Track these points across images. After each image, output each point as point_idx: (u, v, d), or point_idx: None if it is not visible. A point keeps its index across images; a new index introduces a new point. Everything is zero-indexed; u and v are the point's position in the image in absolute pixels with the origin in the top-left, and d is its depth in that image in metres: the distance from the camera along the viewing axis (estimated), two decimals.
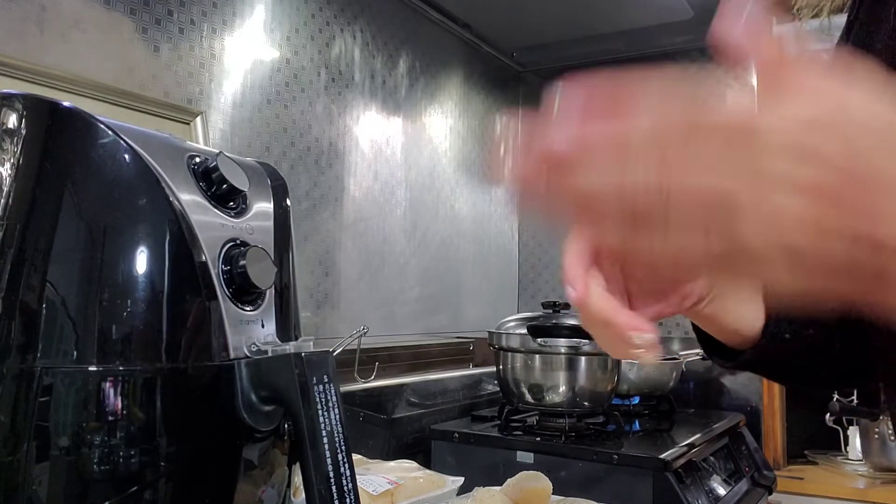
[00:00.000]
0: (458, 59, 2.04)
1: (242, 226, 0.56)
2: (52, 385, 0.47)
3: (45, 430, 0.47)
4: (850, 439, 1.91)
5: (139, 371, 0.49)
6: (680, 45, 2.10)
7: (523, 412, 1.50)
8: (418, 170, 1.85)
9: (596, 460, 1.25)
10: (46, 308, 0.48)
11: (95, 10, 1.12)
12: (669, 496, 1.18)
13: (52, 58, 1.05)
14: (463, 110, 2.05)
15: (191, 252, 0.51)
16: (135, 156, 0.51)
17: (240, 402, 0.52)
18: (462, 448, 1.39)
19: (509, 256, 2.30)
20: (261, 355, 0.54)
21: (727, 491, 1.39)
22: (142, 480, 0.49)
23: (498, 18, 1.94)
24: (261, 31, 1.41)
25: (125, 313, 0.49)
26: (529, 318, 1.49)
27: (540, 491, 0.98)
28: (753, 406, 1.92)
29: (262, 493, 0.56)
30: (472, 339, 1.89)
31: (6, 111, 0.51)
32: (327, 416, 0.51)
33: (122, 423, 0.48)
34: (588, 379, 1.42)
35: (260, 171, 0.62)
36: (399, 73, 1.79)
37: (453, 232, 1.99)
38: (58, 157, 0.50)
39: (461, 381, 1.70)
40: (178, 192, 0.52)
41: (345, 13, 1.62)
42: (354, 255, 1.63)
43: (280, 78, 1.45)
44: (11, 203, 0.49)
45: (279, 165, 1.16)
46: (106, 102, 1.09)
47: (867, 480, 1.79)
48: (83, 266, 0.49)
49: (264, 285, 0.55)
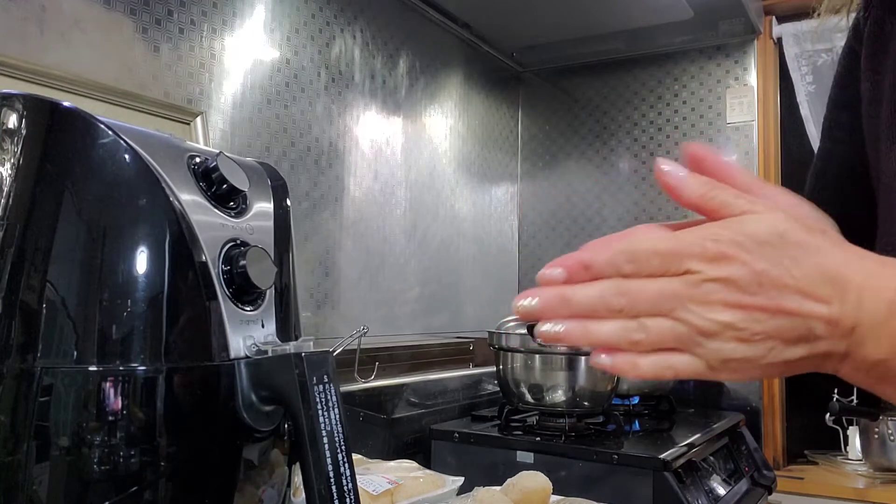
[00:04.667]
0: (458, 59, 2.04)
1: (242, 226, 0.56)
2: (52, 385, 0.47)
3: (45, 430, 0.47)
4: (850, 439, 1.91)
5: (139, 371, 0.49)
6: (680, 45, 2.10)
7: (523, 412, 1.50)
8: (418, 170, 1.85)
9: (596, 460, 1.25)
10: (46, 308, 0.48)
11: (95, 10, 1.12)
12: (669, 496, 1.18)
13: (52, 58, 1.05)
14: (463, 110, 2.05)
15: (191, 252, 0.51)
16: (135, 156, 0.51)
17: (240, 402, 0.52)
18: (462, 448, 1.39)
19: (509, 256, 2.30)
20: (261, 355, 0.54)
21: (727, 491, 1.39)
22: (142, 480, 0.49)
23: (498, 18, 1.94)
24: (261, 31, 1.41)
25: (125, 313, 0.49)
26: None
27: (540, 491, 0.98)
28: (753, 406, 1.92)
29: (262, 493, 0.56)
30: (472, 339, 1.89)
31: (6, 111, 0.51)
32: (327, 416, 0.51)
33: (122, 423, 0.48)
34: (588, 379, 1.42)
35: (260, 171, 0.62)
36: (399, 73, 1.79)
37: (453, 232, 1.99)
38: (58, 157, 0.50)
39: (461, 381, 1.70)
40: (178, 192, 0.52)
41: (345, 13, 1.62)
42: (354, 255, 1.63)
43: (280, 78, 1.45)
44: (11, 203, 0.49)
45: (279, 165, 1.16)
46: (106, 102, 1.09)
47: (867, 480, 1.79)
48: (83, 266, 0.49)
49: (264, 285, 0.55)
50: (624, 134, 2.21)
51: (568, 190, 2.28)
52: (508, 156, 2.30)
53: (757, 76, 2.04)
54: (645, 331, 0.40)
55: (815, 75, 2.02)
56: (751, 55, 2.05)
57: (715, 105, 2.09)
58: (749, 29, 1.98)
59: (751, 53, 2.05)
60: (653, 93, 2.17)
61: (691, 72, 2.13)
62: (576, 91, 2.28)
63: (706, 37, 2.04)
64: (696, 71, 2.12)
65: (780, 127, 2.06)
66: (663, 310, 0.40)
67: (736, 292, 0.39)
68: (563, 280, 0.42)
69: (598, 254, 0.42)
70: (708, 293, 0.39)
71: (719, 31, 2.00)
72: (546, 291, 0.42)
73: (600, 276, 0.41)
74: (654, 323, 0.40)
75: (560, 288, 0.42)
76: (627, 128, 2.21)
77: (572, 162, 2.28)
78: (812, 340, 0.40)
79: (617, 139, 2.22)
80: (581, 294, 0.41)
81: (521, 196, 2.34)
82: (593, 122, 2.26)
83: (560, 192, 2.29)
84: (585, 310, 0.41)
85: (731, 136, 2.07)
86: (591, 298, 0.41)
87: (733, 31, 2.00)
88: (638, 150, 2.19)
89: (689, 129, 2.12)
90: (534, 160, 2.34)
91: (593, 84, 2.25)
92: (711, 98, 2.10)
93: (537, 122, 2.34)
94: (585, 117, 2.27)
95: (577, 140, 2.28)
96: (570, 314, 0.41)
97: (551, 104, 2.32)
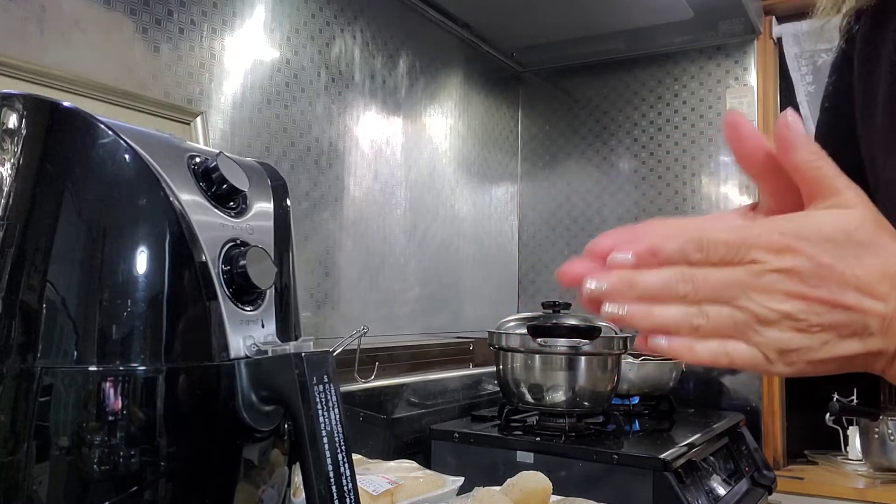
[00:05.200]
0: (458, 59, 2.04)
1: (242, 226, 0.56)
2: (52, 385, 0.47)
3: (45, 430, 0.47)
4: (850, 439, 1.91)
5: (139, 371, 0.49)
6: (680, 45, 2.10)
7: (523, 412, 1.50)
8: (418, 170, 1.85)
9: (596, 460, 1.25)
10: (46, 308, 0.48)
11: (95, 10, 1.12)
12: (669, 496, 1.18)
13: (52, 58, 1.05)
14: (463, 110, 2.05)
15: (191, 252, 0.51)
16: (135, 156, 0.51)
17: (240, 402, 0.52)
18: (462, 448, 1.39)
19: (509, 256, 2.30)
20: (261, 355, 0.54)
21: (727, 491, 1.39)
22: (142, 480, 0.49)
23: (498, 18, 1.94)
24: (261, 31, 1.41)
25: (125, 313, 0.49)
26: (529, 318, 1.49)
27: (540, 491, 0.98)
28: (753, 406, 1.92)
29: (262, 493, 0.56)
30: (472, 339, 1.89)
31: (6, 111, 0.51)
32: (327, 416, 0.51)
33: (122, 423, 0.48)
34: (588, 379, 1.42)
35: (260, 171, 0.62)
36: (399, 73, 1.79)
37: (453, 232, 1.99)
38: (58, 157, 0.50)
39: (461, 381, 1.70)
40: (178, 192, 0.52)
41: (345, 13, 1.62)
42: (354, 255, 1.63)
43: (280, 78, 1.45)
44: (11, 203, 0.49)
45: (279, 165, 1.16)
46: (106, 102, 1.09)
47: (867, 480, 1.79)
48: (83, 266, 0.49)
49: (264, 285, 0.55)
50: (624, 134, 2.21)
51: (568, 190, 2.28)
52: (508, 156, 2.30)
53: (757, 76, 2.04)
54: (706, 317, 0.41)
55: (815, 75, 2.02)
56: (751, 55, 2.05)
57: (715, 105, 2.09)
58: (749, 29, 1.98)
59: (751, 53, 2.05)
60: (653, 93, 2.17)
61: (691, 72, 2.13)
62: (576, 91, 2.28)
63: (706, 37, 2.04)
64: (696, 71, 2.12)
65: None
66: (725, 297, 0.41)
67: (798, 283, 0.41)
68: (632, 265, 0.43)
69: (667, 241, 0.43)
70: (771, 283, 0.41)
71: (719, 31, 2.00)
72: (614, 276, 0.43)
73: (667, 263, 0.42)
74: (715, 310, 0.41)
75: (627, 272, 0.43)
76: (627, 128, 2.21)
77: (572, 162, 2.28)
78: (866, 336, 0.42)
79: (617, 139, 2.22)
80: (649, 279, 0.42)
81: (521, 196, 2.34)
82: (593, 122, 2.26)
83: (560, 192, 2.29)
84: (651, 295, 0.42)
85: None
86: (658, 284, 0.42)
87: (733, 31, 2.00)
88: (638, 150, 2.19)
89: (689, 129, 2.12)
90: (534, 160, 2.34)
91: (593, 84, 2.25)
92: (711, 98, 2.10)
93: (537, 122, 2.34)
94: (585, 117, 2.27)
95: (577, 140, 2.28)
96: (636, 298, 0.42)
97: (551, 104, 2.32)
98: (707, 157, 2.10)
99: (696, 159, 2.11)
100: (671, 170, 2.14)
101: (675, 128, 2.14)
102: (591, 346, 1.40)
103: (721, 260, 0.42)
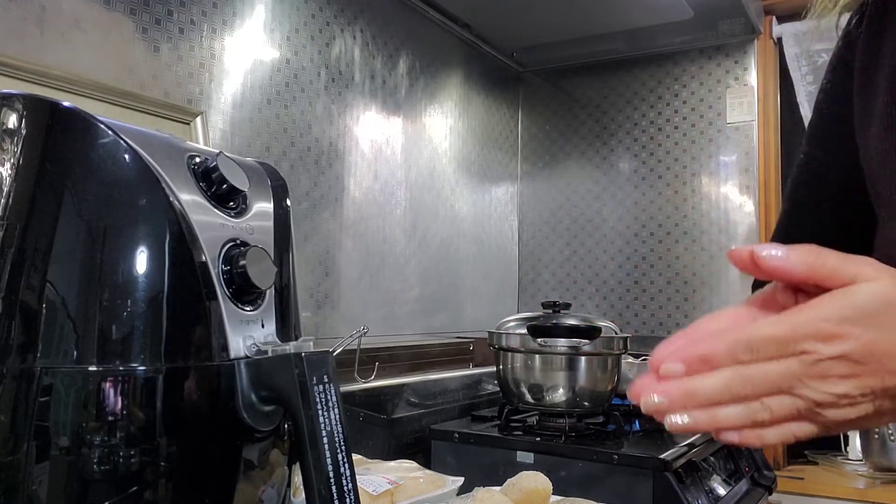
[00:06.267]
0: (458, 59, 2.04)
1: (242, 226, 0.56)
2: (52, 385, 0.47)
3: (45, 430, 0.47)
4: (850, 439, 1.91)
5: (139, 371, 0.49)
6: (680, 45, 2.10)
7: (523, 412, 1.50)
8: (418, 170, 1.85)
9: (596, 460, 1.25)
10: (46, 308, 0.48)
11: (95, 10, 1.12)
12: (669, 496, 1.18)
13: (52, 58, 1.05)
14: (463, 110, 2.05)
15: (191, 252, 0.51)
16: (135, 156, 0.51)
17: (240, 402, 0.52)
18: (462, 448, 1.39)
19: (509, 256, 2.30)
20: (261, 355, 0.54)
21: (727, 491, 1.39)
22: (142, 480, 0.49)
23: (498, 18, 1.94)
24: (261, 31, 1.41)
25: (125, 313, 0.49)
26: (529, 318, 1.49)
27: (540, 491, 0.98)
28: None
29: (262, 493, 0.56)
30: (472, 339, 1.89)
31: (6, 111, 0.51)
32: (327, 416, 0.51)
33: (122, 423, 0.48)
34: (588, 379, 1.42)
35: (260, 171, 0.62)
36: (399, 73, 1.79)
37: (453, 232, 1.99)
38: (58, 157, 0.50)
39: (461, 381, 1.70)
40: (178, 192, 0.52)
41: (345, 13, 1.62)
42: (354, 255, 1.63)
43: (280, 78, 1.45)
44: (11, 203, 0.49)
45: (279, 165, 1.16)
46: (106, 102, 1.09)
47: (867, 480, 1.79)
48: (83, 266, 0.49)
49: (264, 285, 0.55)
50: (624, 134, 2.21)
51: (568, 190, 2.28)
52: (508, 156, 2.30)
53: (757, 76, 2.04)
54: (769, 410, 0.44)
55: (815, 75, 2.02)
56: (751, 55, 2.05)
57: (715, 105, 2.09)
58: (749, 29, 1.98)
59: (751, 53, 2.05)
60: (653, 93, 2.17)
61: (691, 72, 2.13)
62: (576, 91, 2.28)
63: (706, 37, 2.04)
64: (696, 71, 2.12)
65: (780, 127, 2.06)
66: (784, 388, 0.43)
67: (850, 365, 0.43)
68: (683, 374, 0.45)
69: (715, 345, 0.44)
70: (826, 369, 0.43)
71: (719, 31, 2.00)
72: (670, 388, 0.45)
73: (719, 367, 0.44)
74: (776, 402, 0.43)
75: (683, 382, 0.45)
76: (627, 128, 2.21)
77: (572, 162, 2.28)
78: None
79: (617, 139, 2.22)
80: (706, 387, 0.44)
81: (521, 196, 2.34)
82: (593, 122, 2.26)
83: (560, 192, 2.29)
84: (711, 401, 0.44)
85: (731, 136, 2.07)
86: (718, 389, 0.44)
87: (733, 31, 2.00)
88: (638, 150, 2.19)
89: (689, 129, 2.12)
90: (534, 160, 2.34)
91: (593, 84, 2.25)
92: (711, 98, 2.10)
93: (537, 122, 2.34)
94: (585, 117, 2.27)
95: (577, 140, 2.28)
96: (697, 406, 0.44)
97: (551, 104, 2.32)
98: (707, 157, 2.10)
99: (696, 159, 2.11)
100: (671, 170, 2.14)
101: (675, 128, 2.14)
102: (591, 346, 1.40)
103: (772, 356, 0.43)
